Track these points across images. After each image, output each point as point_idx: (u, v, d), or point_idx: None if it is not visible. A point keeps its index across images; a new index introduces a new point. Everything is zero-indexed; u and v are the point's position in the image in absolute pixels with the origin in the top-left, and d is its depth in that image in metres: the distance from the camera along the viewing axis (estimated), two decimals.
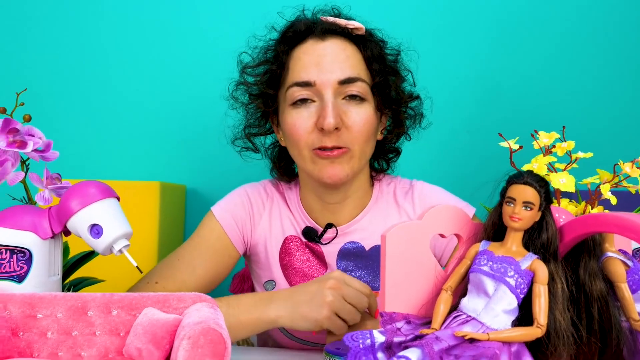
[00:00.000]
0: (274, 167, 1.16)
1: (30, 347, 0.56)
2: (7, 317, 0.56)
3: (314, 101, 0.99)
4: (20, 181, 0.87)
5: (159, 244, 1.47)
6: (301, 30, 1.01)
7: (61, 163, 0.91)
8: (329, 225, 1.08)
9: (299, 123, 0.99)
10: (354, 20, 1.04)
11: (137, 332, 0.55)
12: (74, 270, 0.94)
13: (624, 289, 0.51)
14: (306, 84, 0.98)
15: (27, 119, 0.89)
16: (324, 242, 1.08)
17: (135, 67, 1.83)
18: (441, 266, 0.57)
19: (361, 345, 0.48)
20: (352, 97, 0.99)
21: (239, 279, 1.32)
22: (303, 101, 0.99)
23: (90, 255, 0.98)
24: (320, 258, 1.09)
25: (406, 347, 0.46)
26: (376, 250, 1.07)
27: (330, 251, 1.08)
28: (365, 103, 1.00)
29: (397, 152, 1.16)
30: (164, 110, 1.81)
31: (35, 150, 0.86)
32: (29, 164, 0.89)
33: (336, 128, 0.96)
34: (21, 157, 0.87)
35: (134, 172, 1.75)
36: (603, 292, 0.51)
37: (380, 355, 0.48)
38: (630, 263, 0.53)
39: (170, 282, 1.03)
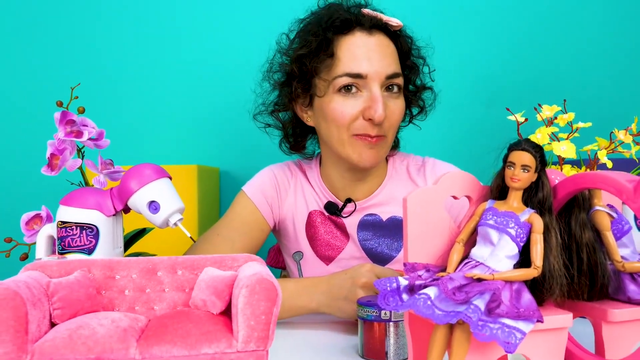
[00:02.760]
0: (285, 141, 1.23)
1: (112, 302, 0.67)
2: (91, 279, 0.67)
3: (360, 91, 1.07)
4: (77, 167, 0.97)
5: (199, 223, 1.59)
6: (350, 20, 1.08)
7: (108, 150, 1.01)
8: (348, 200, 1.18)
9: (346, 110, 1.07)
10: (384, 13, 1.13)
11: (200, 287, 0.66)
12: (129, 246, 1.05)
13: (609, 236, 0.60)
14: (357, 76, 1.06)
15: (81, 111, 0.99)
16: (344, 215, 1.19)
17: (172, 62, 1.96)
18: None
19: (388, 288, 0.58)
20: (390, 89, 1.09)
21: (275, 252, 1.43)
22: (349, 89, 1.07)
23: (141, 233, 1.09)
24: (342, 229, 1.19)
25: (425, 287, 0.56)
26: (392, 221, 1.18)
27: (351, 223, 1.19)
28: (401, 95, 1.11)
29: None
30: (199, 100, 1.95)
31: (89, 139, 0.96)
32: (84, 151, 0.99)
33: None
34: (77, 145, 0.98)
35: (173, 156, 1.88)
36: (591, 239, 0.60)
37: (404, 295, 0.57)
38: (614, 215, 0.62)
39: None
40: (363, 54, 1.06)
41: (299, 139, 1.23)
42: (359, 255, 1.19)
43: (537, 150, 0.58)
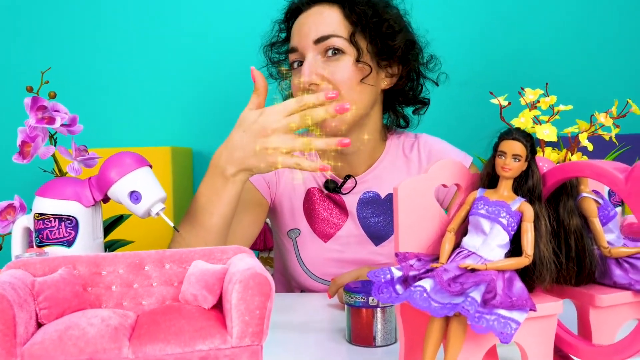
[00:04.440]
0: None
1: (99, 299, 0.66)
2: (77, 275, 0.65)
3: (302, 64, 1.10)
4: (51, 155, 0.94)
5: (174, 206, 1.57)
6: (295, 7, 1.15)
7: (80, 134, 0.98)
8: (348, 176, 1.19)
9: (295, 83, 1.11)
10: None
11: (190, 281, 0.65)
12: (106, 234, 1.03)
13: (596, 222, 0.62)
14: (293, 50, 1.12)
15: (53, 96, 0.96)
16: (344, 192, 1.19)
17: (141, 43, 1.93)
18: (443, 209, 0.66)
19: (382, 280, 0.58)
20: (332, 52, 1.08)
21: None
22: (298, 63, 1.12)
23: (119, 220, 1.07)
24: (341, 206, 1.20)
25: (420, 279, 0.56)
26: (390, 198, 1.19)
27: (351, 200, 1.20)
28: (344, 56, 1.09)
29: (423, 103, 1.24)
30: (169, 81, 1.92)
31: (62, 125, 0.93)
32: (56, 138, 0.96)
33: (314, 83, 1.06)
34: (49, 132, 0.95)
35: (145, 138, 1.85)
36: (579, 226, 0.61)
37: (398, 287, 0.58)
38: (601, 201, 0.63)
39: None
40: (296, 30, 1.12)
41: None
42: (357, 233, 1.20)
43: (528, 140, 0.59)
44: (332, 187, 1.20)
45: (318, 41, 1.08)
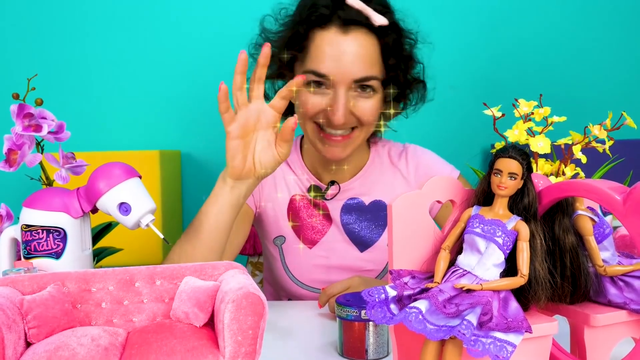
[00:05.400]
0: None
1: (89, 316, 0.64)
2: (66, 293, 0.64)
3: (328, 88, 1.06)
4: (38, 163, 0.93)
5: (162, 209, 1.55)
6: (325, 15, 1.04)
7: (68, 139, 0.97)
8: (332, 183, 1.18)
9: (311, 103, 1.07)
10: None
11: (182, 299, 0.64)
12: (94, 243, 1.02)
13: (591, 241, 0.61)
14: (323, 76, 1.04)
15: (39, 103, 0.95)
16: (328, 198, 1.19)
17: (128, 46, 1.91)
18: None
19: (377, 299, 0.57)
20: (364, 88, 1.06)
21: None
22: (318, 84, 1.06)
23: (107, 227, 1.06)
24: (325, 213, 1.19)
25: (415, 299, 0.56)
26: (375, 205, 1.18)
27: (335, 207, 1.19)
28: (375, 95, 1.07)
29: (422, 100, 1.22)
30: (157, 83, 1.91)
31: (49, 132, 0.92)
32: (43, 145, 0.95)
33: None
34: (35, 139, 0.93)
35: (133, 141, 1.83)
36: (574, 244, 0.61)
37: (392, 306, 0.57)
38: (596, 219, 0.63)
39: None
40: (332, 55, 1.03)
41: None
42: (341, 239, 1.20)
43: (524, 158, 0.58)
44: (316, 193, 1.19)
45: (358, 81, 1.04)
